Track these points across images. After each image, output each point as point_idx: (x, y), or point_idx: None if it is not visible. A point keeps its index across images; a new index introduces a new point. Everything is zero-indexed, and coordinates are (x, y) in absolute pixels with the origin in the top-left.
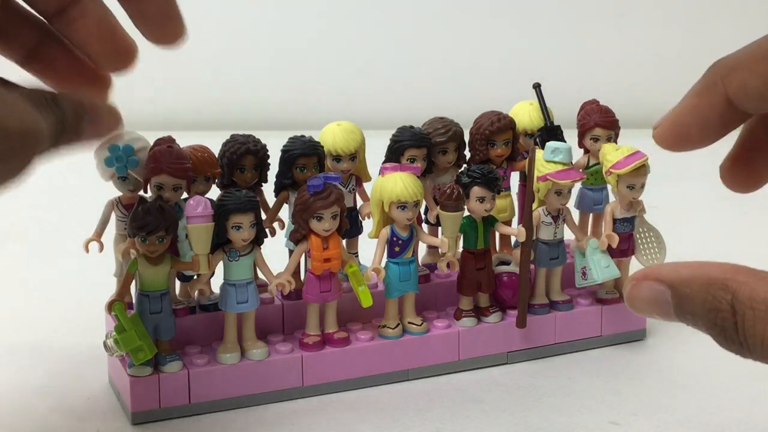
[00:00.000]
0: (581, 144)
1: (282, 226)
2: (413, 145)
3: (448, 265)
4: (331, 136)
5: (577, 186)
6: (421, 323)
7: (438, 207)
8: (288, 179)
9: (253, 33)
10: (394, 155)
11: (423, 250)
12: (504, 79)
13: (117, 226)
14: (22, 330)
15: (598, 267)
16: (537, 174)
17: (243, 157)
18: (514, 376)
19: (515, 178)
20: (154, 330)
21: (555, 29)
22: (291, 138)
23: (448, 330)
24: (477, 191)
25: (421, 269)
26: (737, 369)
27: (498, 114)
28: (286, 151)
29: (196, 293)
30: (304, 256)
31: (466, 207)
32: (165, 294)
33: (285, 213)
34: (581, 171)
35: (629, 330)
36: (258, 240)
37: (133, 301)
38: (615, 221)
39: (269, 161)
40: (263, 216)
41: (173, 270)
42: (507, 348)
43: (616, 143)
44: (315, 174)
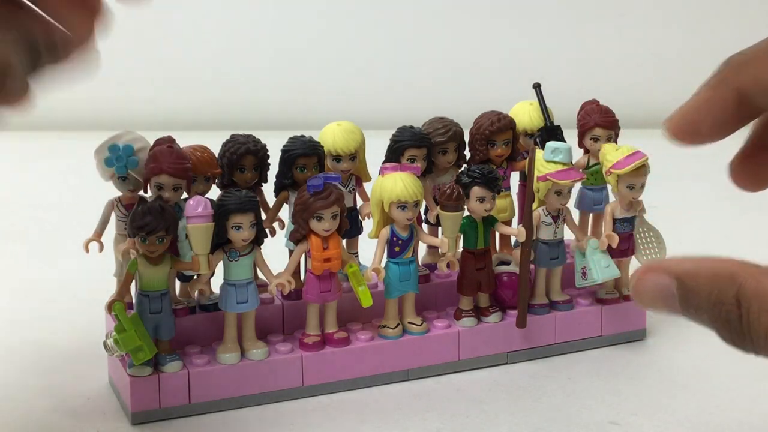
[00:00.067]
0: (581, 144)
1: (282, 226)
2: (413, 145)
3: (448, 265)
4: (331, 136)
5: (577, 186)
6: (421, 323)
7: (438, 207)
8: (288, 179)
9: (253, 33)
10: (394, 155)
11: (423, 250)
12: (504, 79)
13: (117, 226)
14: (22, 330)
15: (598, 267)
16: (537, 174)
17: (243, 157)
18: (514, 376)
19: (515, 178)
20: (154, 330)
21: (555, 29)
22: (291, 138)
23: (448, 330)
24: (477, 191)
25: (421, 269)
26: (737, 369)
27: (498, 114)
28: (286, 151)
29: (196, 293)
30: (304, 256)
31: (466, 207)
32: (165, 294)
33: (285, 213)
34: (581, 171)
35: (629, 330)
36: (258, 240)
37: (133, 301)
38: (615, 221)
39: (269, 161)
40: (263, 216)
41: (173, 270)
42: (507, 348)
43: (616, 143)
44: (315, 174)
